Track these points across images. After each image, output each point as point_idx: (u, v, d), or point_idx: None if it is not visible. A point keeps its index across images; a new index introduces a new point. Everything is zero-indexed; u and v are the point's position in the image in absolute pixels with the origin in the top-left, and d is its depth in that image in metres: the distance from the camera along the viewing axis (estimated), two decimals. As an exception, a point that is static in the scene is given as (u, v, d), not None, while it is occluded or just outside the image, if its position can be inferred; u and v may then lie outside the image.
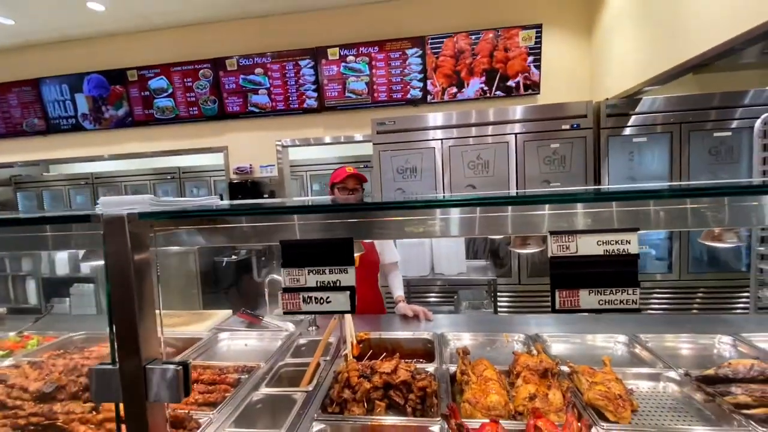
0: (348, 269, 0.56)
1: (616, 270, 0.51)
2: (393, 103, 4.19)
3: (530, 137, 3.31)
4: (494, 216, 0.65)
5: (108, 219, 0.58)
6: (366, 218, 0.65)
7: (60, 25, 4.36)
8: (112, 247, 0.57)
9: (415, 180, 3.50)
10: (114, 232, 0.57)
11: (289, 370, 1.30)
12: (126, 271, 0.56)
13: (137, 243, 0.58)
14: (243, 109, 4.41)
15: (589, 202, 0.62)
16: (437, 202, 0.77)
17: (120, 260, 0.56)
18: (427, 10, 4.11)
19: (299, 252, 0.57)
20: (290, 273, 0.58)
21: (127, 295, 0.56)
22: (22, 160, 5.18)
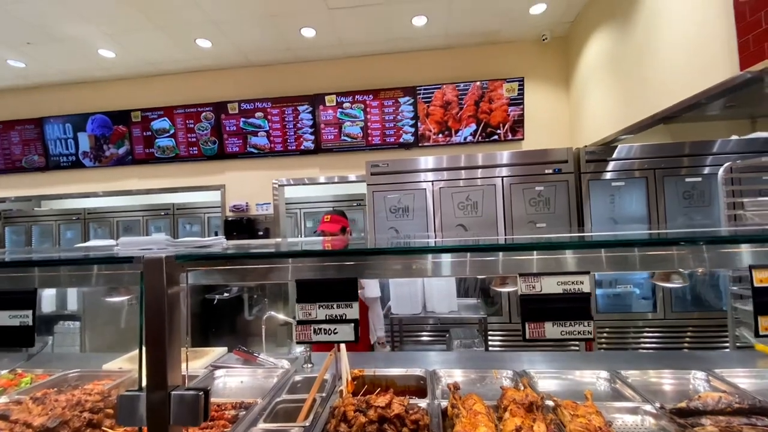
0: (352, 304, 0.65)
1: (573, 306, 0.61)
2: (386, 146, 4.42)
3: (516, 180, 3.50)
4: (478, 260, 0.75)
5: (149, 260, 0.66)
6: (365, 261, 0.75)
7: (69, 69, 4.58)
8: (150, 284, 0.65)
9: (407, 219, 3.63)
10: (153, 272, 0.65)
11: (286, 406, 1.34)
12: (161, 306, 0.64)
13: (171, 281, 0.66)
14: (242, 149, 4.59)
15: (550, 250, 0.73)
16: (421, 249, 0.87)
17: (156, 296, 0.64)
18: (418, 63, 4.44)
19: (312, 290, 0.66)
20: (303, 308, 0.66)
21: (159, 327, 0.64)
22: (15, 196, 5.22)
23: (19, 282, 0.80)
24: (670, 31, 2.52)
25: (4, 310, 0.69)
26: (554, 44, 4.27)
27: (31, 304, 0.70)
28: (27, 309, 0.70)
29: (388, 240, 1.55)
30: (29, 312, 0.70)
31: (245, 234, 4.65)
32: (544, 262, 0.73)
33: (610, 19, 3.31)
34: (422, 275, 0.77)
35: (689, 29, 2.31)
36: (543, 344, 3.46)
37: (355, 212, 7.76)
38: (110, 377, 1.66)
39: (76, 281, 0.79)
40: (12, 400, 1.38)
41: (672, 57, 2.51)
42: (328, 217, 2.55)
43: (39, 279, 0.79)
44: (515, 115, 4.21)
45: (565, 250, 0.72)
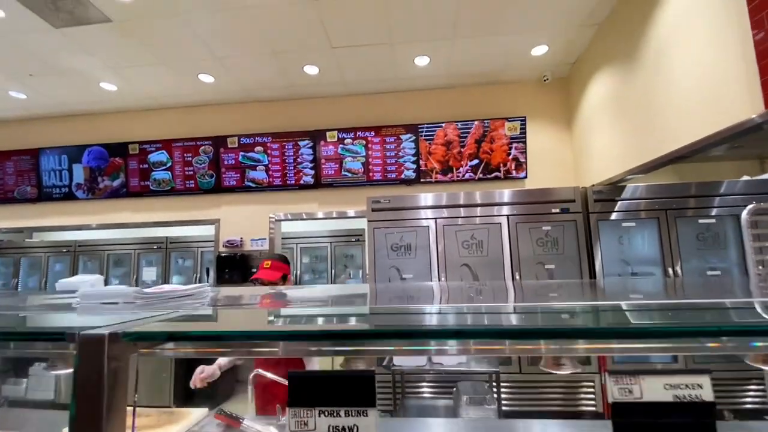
0: (368, 411, 0.47)
1: (689, 421, 0.44)
2: (387, 182, 4.32)
3: (522, 219, 3.36)
4: (519, 347, 0.59)
5: (86, 340, 0.49)
6: (368, 345, 0.58)
7: (69, 101, 4.57)
8: (85, 374, 0.47)
9: (409, 258, 3.45)
10: (90, 357, 0.48)
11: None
12: (96, 411, 0.46)
13: (115, 369, 0.49)
14: (239, 183, 4.49)
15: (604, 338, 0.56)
16: (434, 331, 0.70)
17: (91, 397, 0.46)
18: (420, 101, 4.45)
19: (310, 388, 0.49)
20: (296, 414, 0.48)
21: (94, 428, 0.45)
22: (6, 227, 5.04)
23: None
24: (679, 71, 2.49)
25: None
26: (555, 84, 4.30)
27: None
28: None
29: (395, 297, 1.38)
30: None
31: (237, 271, 4.45)
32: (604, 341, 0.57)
33: (613, 61, 3.32)
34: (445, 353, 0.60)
35: (701, 69, 2.26)
36: (561, 408, 3.18)
37: (354, 248, 7.58)
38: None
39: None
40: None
41: (683, 96, 2.46)
42: (268, 263, 2.24)
43: None
44: (517, 154, 4.15)
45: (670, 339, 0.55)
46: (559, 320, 0.85)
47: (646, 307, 1.16)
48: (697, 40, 2.29)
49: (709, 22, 2.17)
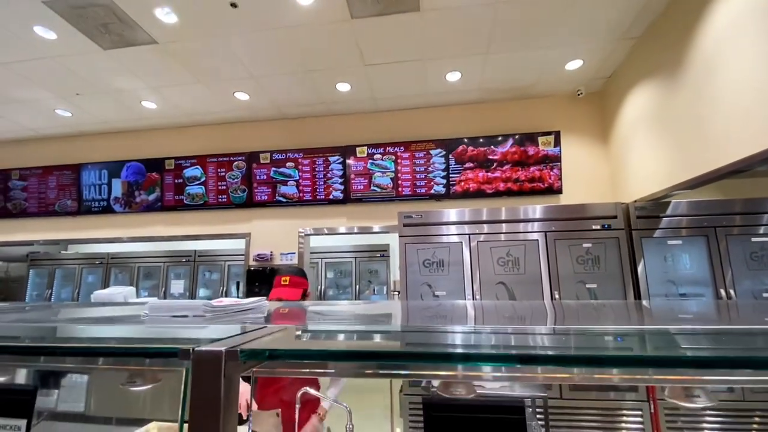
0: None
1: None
2: (417, 197, 4.30)
3: (561, 236, 3.26)
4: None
5: (201, 356, 0.47)
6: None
7: (111, 118, 4.77)
8: (200, 395, 0.44)
9: (442, 275, 3.38)
10: (206, 377, 0.45)
11: None
12: (214, 423, 0.43)
13: (230, 388, 0.46)
14: (271, 198, 4.54)
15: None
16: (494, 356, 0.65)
17: (209, 413, 0.43)
18: (450, 116, 4.44)
19: (450, 417, 0.45)
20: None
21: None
22: (44, 239, 5.24)
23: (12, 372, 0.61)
24: (728, 85, 2.39)
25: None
26: (590, 99, 4.23)
27: (25, 409, 0.50)
28: (20, 417, 0.49)
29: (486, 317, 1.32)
30: (22, 423, 0.49)
31: (267, 284, 4.45)
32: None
33: (653, 74, 3.24)
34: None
35: (753, 82, 2.17)
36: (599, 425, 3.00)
37: (378, 263, 7.53)
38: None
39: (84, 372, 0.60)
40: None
41: (733, 110, 2.36)
42: (286, 279, 1.96)
43: (39, 368, 0.60)
44: (552, 169, 4.07)
45: None
46: (628, 346, 0.79)
47: (728, 332, 1.07)
48: (747, 53, 2.21)
49: (760, 34, 2.09)
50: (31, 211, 5.08)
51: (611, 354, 0.56)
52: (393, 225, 4.31)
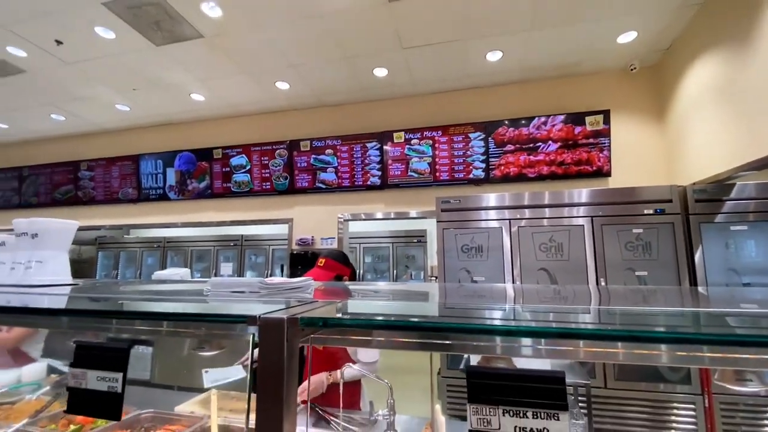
0: (560, 415, 0.45)
1: None
2: (455, 182, 4.24)
3: (608, 221, 3.11)
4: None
5: (267, 323, 0.53)
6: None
7: (164, 111, 5.08)
8: (266, 354, 0.50)
9: (481, 260, 3.35)
10: (270, 338, 0.51)
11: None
12: (277, 385, 0.49)
13: (291, 350, 0.52)
14: (311, 185, 4.68)
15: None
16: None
17: (272, 372, 0.49)
18: (490, 98, 4.31)
19: (493, 384, 0.47)
20: (477, 411, 0.47)
21: (274, 413, 0.48)
22: (109, 224, 5.74)
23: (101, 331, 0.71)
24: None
25: (94, 368, 0.58)
26: (644, 74, 3.93)
27: (122, 364, 0.59)
28: (116, 371, 0.58)
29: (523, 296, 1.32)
30: (119, 375, 0.59)
31: (309, 267, 4.62)
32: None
33: (720, 44, 2.95)
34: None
35: None
36: (646, 418, 2.89)
37: (415, 249, 7.57)
38: (182, 422, 1.56)
39: (168, 335, 0.68)
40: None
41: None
42: (322, 261, 2.01)
43: (132, 331, 0.69)
44: (601, 150, 3.85)
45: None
46: (679, 323, 0.75)
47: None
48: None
49: None
50: (98, 199, 5.57)
51: (659, 330, 0.54)
52: (430, 210, 4.31)
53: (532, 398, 0.46)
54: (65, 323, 0.75)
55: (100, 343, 0.62)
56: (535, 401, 0.46)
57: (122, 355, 0.60)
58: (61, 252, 1.31)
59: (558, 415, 0.45)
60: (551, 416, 0.46)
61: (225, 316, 0.61)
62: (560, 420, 0.45)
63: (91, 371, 0.58)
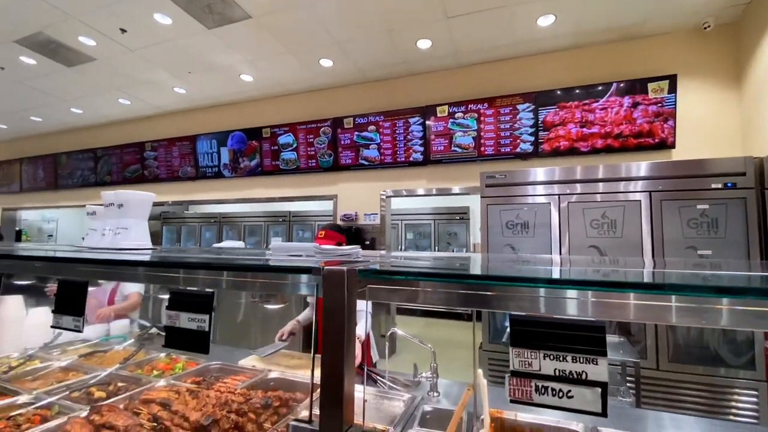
0: (599, 360, 0.48)
1: None
2: (501, 156, 4.13)
3: (669, 196, 2.90)
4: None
5: (331, 273, 0.59)
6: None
7: (217, 93, 5.34)
8: (330, 299, 0.58)
9: (526, 237, 3.28)
10: (334, 286, 0.58)
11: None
12: (339, 325, 0.56)
13: (351, 298, 0.58)
14: (354, 161, 4.76)
15: None
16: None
17: (335, 314, 0.57)
18: (540, 67, 4.08)
19: (535, 331, 0.51)
20: (520, 354, 0.51)
21: (337, 352, 0.56)
22: (172, 200, 6.23)
23: (190, 283, 0.82)
24: None
25: (185, 311, 0.70)
26: (719, 33, 3.52)
27: (208, 307, 0.70)
28: (204, 313, 0.69)
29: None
30: (206, 317, 0.69)
31: (353, 242, 4.78)
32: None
33: (818, -8, 2.56)
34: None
35: None
36: (699, 402, 2.76)
37: (457, 226, 7.52)
38: (245, 373, 1.74)
39: (240, 287, 0.77)
40: (169, 386, 1.52)
41: None
42: (322, 233, 2.32)
43: (207, 281, 0.79)
44: (665, 120, 3.55)
45: None
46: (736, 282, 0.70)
47: None
48: None
49: None
50: (162, 177, 6.05)
51: (714, 284, 0.52)
52: (474, 186, 4.24)
53: (572, 344, 0.48)
54: (156, 277, 0.87)
55: (189, 290, 0.73)
56: (574, 347, 0.48)
57: (208, 300, 0.70)
58: (141, 220, 1.49)
59: (597, 360, 0.48)
60: (590, 361, 0.48)
61: (296, 267, 0.69)
62: (599, 365, 0.47)
63: (183, 313, 0.70)
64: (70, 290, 0.89)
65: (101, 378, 1.65)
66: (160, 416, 1.13)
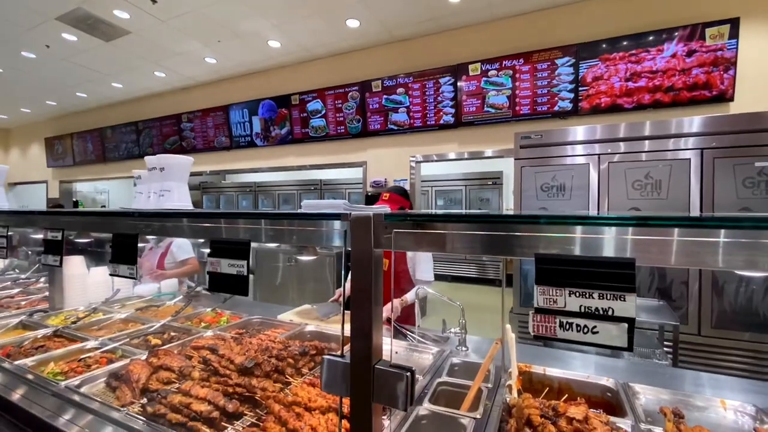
0: (626, 296, 0.47)
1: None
2: (537, 116, 3.93)
3: (723, 153, 2.68)
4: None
5: (357, 219, 0.61)
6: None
7: (246, 61, 5.35)
8: (357, 243, 0.60)
9: (562, 199, 3.17)
10: (360, 230, 0.60)
11: (448, 389, 1.25)
12: (367, 267, 0.58)
13: (378, 242, 0.60)
14: (383, 126, 4.70)
15: None
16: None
17: (363, 257, 0.59)
18: (581, 16, 3.76)
19: (559, 269, 0.50)
20: (545, 292, 0.51)
21: (365, 291, 0.59)
22: (210, 170, 6.47)
23: (231, 234, 0.87)
24: None
25: (225, 258, 0.75)
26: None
27: (245, 254, 0.75)
28: (242, 259, 0.74)
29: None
30: (244, 262, 0.75)
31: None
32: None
33: None
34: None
35: None
36: (743, 368, 2.66)
37: (490, 191, 7.36)
38: (284, 327, 1.85)
39: (275, 237, 0.81)
40: (216, 335, 1.65)
41: None
42: (387, 195, 2.18)
43: (246, 231, 0.84)
44: (725, 69, 3.21)
45: None
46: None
47: None
48: None
49: None
50: (198, 147, 6.27)
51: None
52: (507, 149, 4.09)
53: (599, 281, 0.48)
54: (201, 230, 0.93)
55: (228, 239, 0.78)
56: (601, 283, 0.48)
57: (245, 247, 0.75)
58: (182, 183, 1.57)
59: (624, 296, 0.47)
60: (617, 297, 0.47)
61: (326, 214, 0.71)
62: (626, 301, 0.46)
63: (223, 259, 0.75)
64: (123, 242, 0.97)
65: (156, 328, 1.82)
66: (209, 359, 1.24)
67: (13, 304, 2.27)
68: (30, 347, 1.58)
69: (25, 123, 9.05)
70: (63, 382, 1.23)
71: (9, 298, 2.37)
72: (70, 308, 2.12)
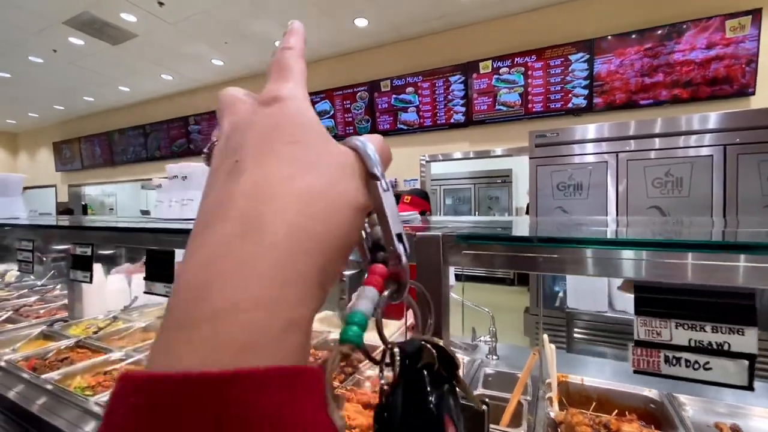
0: (746, 330, 0.43)
1: None
2: (550, 113, 3.87)
3: (747, 149, 2.62)
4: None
5: (423, 239, 0.58)
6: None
7: (252, 63, 5.32)
8: (424, 269, 0.56)
9: (579, 198, 3.12)
10: (428, 253, 0.56)
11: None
12: (437, 290, 0.55)
13: (447, 264, 0.57)
14: (393, 126, 4.65)
15: None
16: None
17: (431, 289, 0.55)
18: (596, 10, 3.69)
19: (663, 299, 0.46)
20: (646, 323, 0.47)
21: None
22: (218, 172, 6.43)
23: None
24: None
25: None
26: (823, -49, 2.98)
27: None
28: None
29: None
30: None
31: (394, 209, 4.78)
32: None
33: None
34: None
35: None
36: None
37: (499, 189, 7.29)
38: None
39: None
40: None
41: None
42: (408, 198, 2.18)
43: None
44: (747, 63, 3.14)
45: None
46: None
47: None
48: None
49: None
50: (206, 150, 6.25)
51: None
52: (519, 147, 4.04)
53: (712, 313, 0.44)
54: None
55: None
56: (715, 315, 0.44)
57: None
58: (203, 192, 1.54)
59: (743, 330, 0.43)
60: (734, 331, 0.43)
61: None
62: (746, 335, 0.43)
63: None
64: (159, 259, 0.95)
65: (178, 338, 1.79)
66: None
67: (32, 312, 2.26)
68: (54, 359, 1.56)
69: (33, 127, 9.09)
70: (92, 398, 1.21)
71: (28, 307, 2.37)
72: (89, 317, 2.11)
